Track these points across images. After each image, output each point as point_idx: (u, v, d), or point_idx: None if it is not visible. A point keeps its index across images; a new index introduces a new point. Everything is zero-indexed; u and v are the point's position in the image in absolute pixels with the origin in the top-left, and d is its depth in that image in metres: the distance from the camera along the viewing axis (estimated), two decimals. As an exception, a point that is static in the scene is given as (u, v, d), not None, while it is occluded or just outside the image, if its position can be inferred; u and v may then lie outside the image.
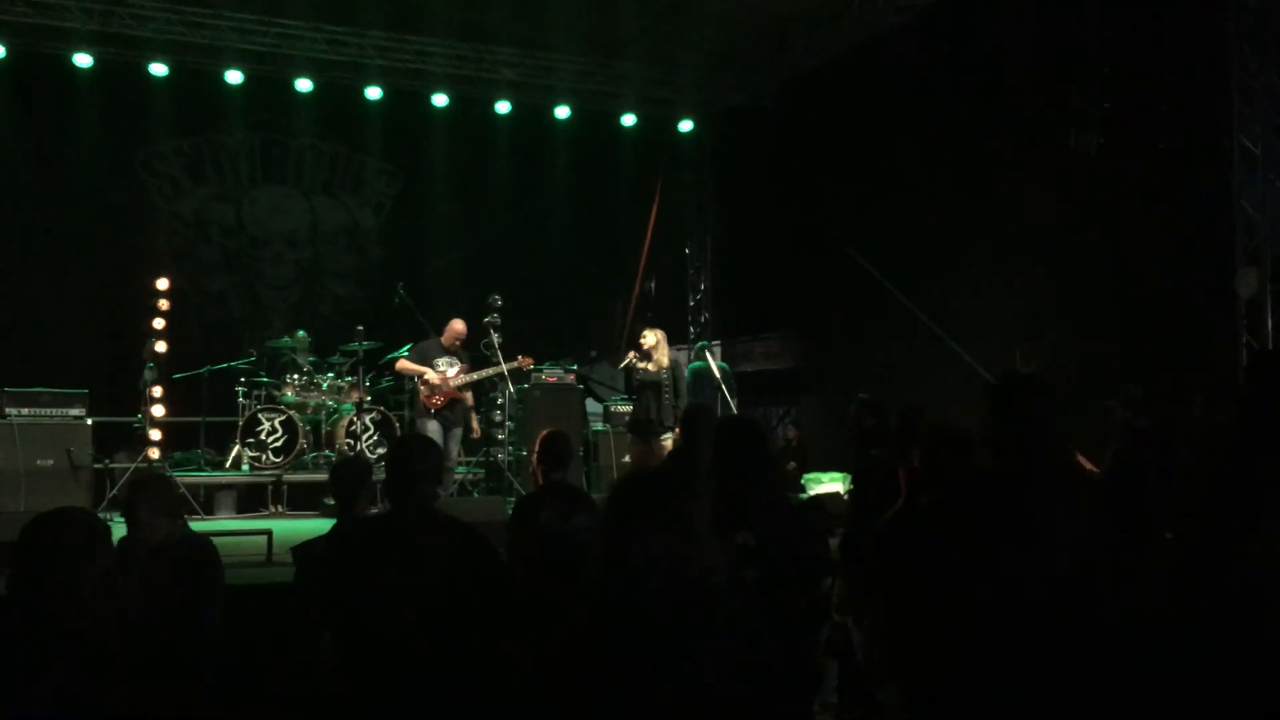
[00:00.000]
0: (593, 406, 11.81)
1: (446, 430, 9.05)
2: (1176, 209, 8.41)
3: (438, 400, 9.05)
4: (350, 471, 5.00)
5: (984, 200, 9.79)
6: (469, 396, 9.49)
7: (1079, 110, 8.54)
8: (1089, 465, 5.72)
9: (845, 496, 8.40)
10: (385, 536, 3.70)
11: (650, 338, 8.60)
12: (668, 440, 8.16)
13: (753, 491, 3.62)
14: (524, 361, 9.45)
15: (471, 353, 9.43)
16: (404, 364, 9.36)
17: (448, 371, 9.16)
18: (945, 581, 2.95)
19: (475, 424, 9.71)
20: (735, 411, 9.32)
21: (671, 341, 8.95)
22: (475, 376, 9.32)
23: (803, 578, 3.57)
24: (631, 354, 8.62)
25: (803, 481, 10.16)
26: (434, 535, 3.66)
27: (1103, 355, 8.57)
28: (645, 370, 8.44)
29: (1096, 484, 5.50)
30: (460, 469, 10.03)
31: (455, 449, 9.38)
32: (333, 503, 9.77)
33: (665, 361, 8.50)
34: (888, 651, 3.71)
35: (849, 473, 8.53)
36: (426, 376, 9.07)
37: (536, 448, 5.16)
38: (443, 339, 9.28)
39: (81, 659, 2.75)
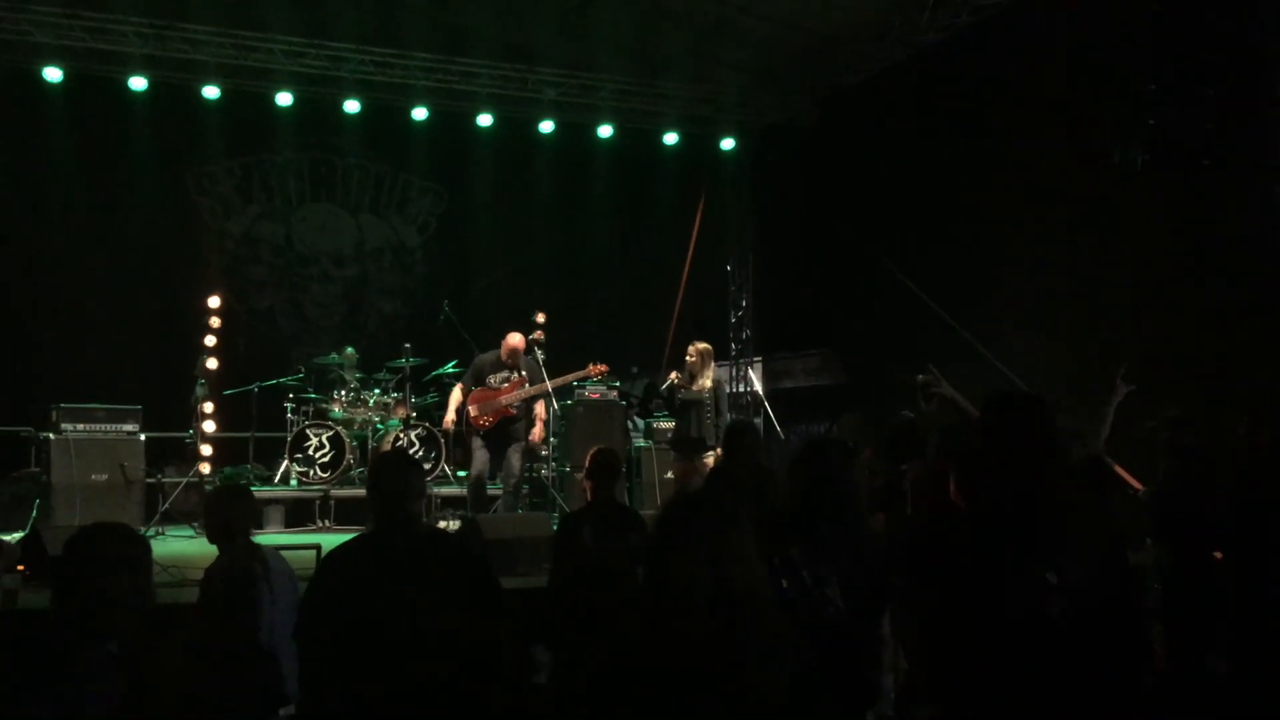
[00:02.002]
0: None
1: (501, 450, 8.80)
2: (1221, 225, 8.33)
3: (486, 420, 8.78)
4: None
5: (1026, 217, 9.73)
6: (540, 408, 9.09)
7: (1123, 127, 8.49)
8: (1133, 481, 5.71)
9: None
10: (369, 556, 3.70)
11: (695, 353, 8.63)
12: (710, 458, 8.17)
13: (815, 510, 3.63)
14: (595, 369, 9.13)
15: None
16: (449, 418, 9.14)
17: (500, 387, 8.87)
18: (977, 594, 2.97)
19: (536, 431, 9.17)
20: (778, 428, 9.31)
21: (714, 357, 8.97)
22: (528, 392, 8.87)
23: (863, 600, 3.54)
24: (674, 375, 8.67)
25: None
26: (418, 552, 3.67)
27: (1146, 373, 8.49)
28: (687, 390, 8.48)
29: (1143, 503, 5.50)
30: (525, 485, 9.67)
31: (517, 463, 8.89)
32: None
33: (708, 384, 8.50)
34: (927, 669, 3.73)
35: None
36: (449, 417, 9.02)
37: (586, 464, 5.24)
38: (500, 354, 8.93)
39: (121, 672, 2.77)
